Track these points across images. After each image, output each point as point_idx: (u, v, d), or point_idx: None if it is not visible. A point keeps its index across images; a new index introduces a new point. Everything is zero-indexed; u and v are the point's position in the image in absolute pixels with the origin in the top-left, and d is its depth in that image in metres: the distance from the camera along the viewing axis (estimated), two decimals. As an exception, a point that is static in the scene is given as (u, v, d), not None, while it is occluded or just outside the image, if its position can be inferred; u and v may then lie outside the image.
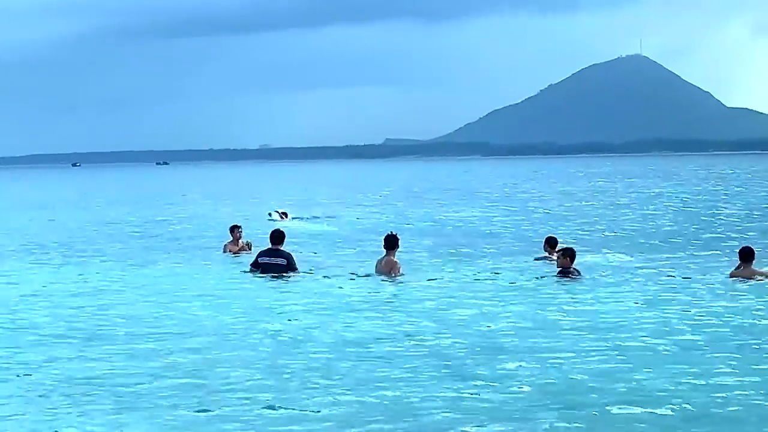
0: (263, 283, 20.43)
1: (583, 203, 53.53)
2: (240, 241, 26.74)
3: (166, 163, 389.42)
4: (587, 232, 34.02)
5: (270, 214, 41.11)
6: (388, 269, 20.49)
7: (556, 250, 22.30)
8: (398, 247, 20.80)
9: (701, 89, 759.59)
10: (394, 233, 20.90)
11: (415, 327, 15.29)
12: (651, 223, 37.64)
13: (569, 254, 20.25)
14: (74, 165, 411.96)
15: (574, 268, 20.10)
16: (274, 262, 20.99)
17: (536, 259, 23.79)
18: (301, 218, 42.60)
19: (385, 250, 20.76)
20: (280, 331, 15.12)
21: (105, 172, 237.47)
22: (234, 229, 27.25)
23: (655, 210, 45.89)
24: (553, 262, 21.87)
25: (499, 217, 43.21)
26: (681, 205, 49.63)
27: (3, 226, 42.20)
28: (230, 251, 26.47)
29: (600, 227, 36.34)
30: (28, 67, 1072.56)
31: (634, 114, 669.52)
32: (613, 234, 33.52)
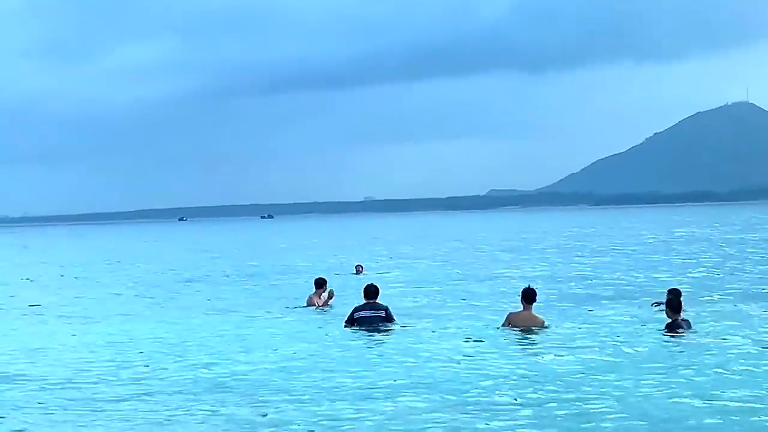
0: (360, 335, 20.07)
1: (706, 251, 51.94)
2: (324, 293, 26.00)
3: (270, 217, 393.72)
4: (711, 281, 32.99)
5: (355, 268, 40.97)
6: (530, 324, 19.45)
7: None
8: (536, 301, 19.71)
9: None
10: (531, 287, 19.82)
11: (516, 382, 14.87)
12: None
13: (674, 306, 19.30)
14: (181, 219, 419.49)
15: (683, 320, 19.28)
16: (373, 314, 20.71)
17: (653, 304, 23.32)
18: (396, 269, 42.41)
19: (522, 304, 19.69)
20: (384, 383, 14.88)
21: (211, 226, 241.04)
22: (319, 282, 26.69)
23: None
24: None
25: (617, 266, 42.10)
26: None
27: (118, 276, 43.74)
28: (315, 304, 25.87)
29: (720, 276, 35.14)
30: (137, 124, 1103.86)
31: (740, 162, 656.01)
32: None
